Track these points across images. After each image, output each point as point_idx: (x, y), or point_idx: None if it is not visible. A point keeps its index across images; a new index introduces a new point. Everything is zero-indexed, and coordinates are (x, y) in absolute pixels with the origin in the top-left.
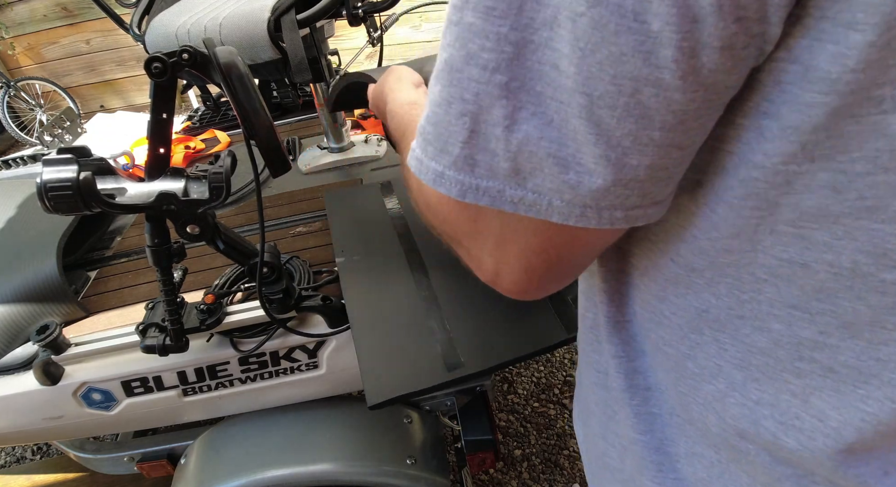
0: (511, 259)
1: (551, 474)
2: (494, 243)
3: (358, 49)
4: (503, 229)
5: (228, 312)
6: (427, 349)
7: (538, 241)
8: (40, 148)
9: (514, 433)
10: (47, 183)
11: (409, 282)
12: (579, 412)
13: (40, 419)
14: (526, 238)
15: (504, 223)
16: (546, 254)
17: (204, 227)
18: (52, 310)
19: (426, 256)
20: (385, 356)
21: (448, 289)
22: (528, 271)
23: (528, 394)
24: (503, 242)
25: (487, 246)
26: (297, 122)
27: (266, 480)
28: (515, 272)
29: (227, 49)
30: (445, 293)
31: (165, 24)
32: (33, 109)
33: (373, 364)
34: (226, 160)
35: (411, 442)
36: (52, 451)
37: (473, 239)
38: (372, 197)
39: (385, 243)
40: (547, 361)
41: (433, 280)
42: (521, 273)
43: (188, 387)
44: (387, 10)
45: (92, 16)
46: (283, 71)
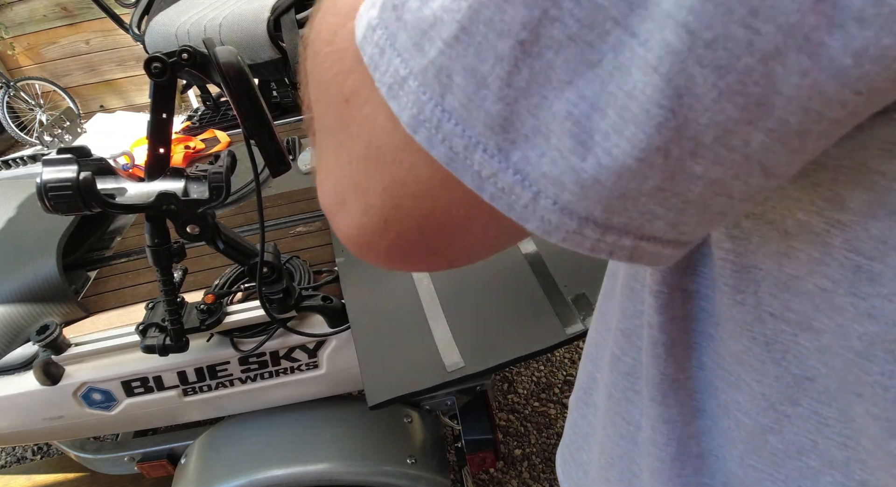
0: (376, 198)
1: (551, 473)
2: (367, 163)
3: None
4: (394, 151)
5: (228, 312)
6: (427, 349)
7: (428, 200)
8: (40, 148)
9: (514, 432)
10: (47, 183)
11: (409, 282)
12: (573, 454)
13: (40, 419)
14: (415, 184)
15: (405, 146)
16: (430, 218)
17: (204, 227)
18: (52, 310)
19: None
20: (385, 356)
21: (448, 289)
22: (387, 223)
23: (529, 393)
24: (378, 163)
25: (357, 163)
26: (297, 122)
27: (266, 480)
28: (370, 217)
29: (227, 49)
30: (446, 293)
31: (165, 24)
32: (33, 109)
33: (373, 364)
34: (226, 160)
35: (411, 442)
36: (53, 451)
37: (343, 135)
38: None
39: None
40: (547, 360)
41: (433, 280)
42: (378, 222)
43: (188, 387)
44: None
45: (92, 16)
46: (283, 71)
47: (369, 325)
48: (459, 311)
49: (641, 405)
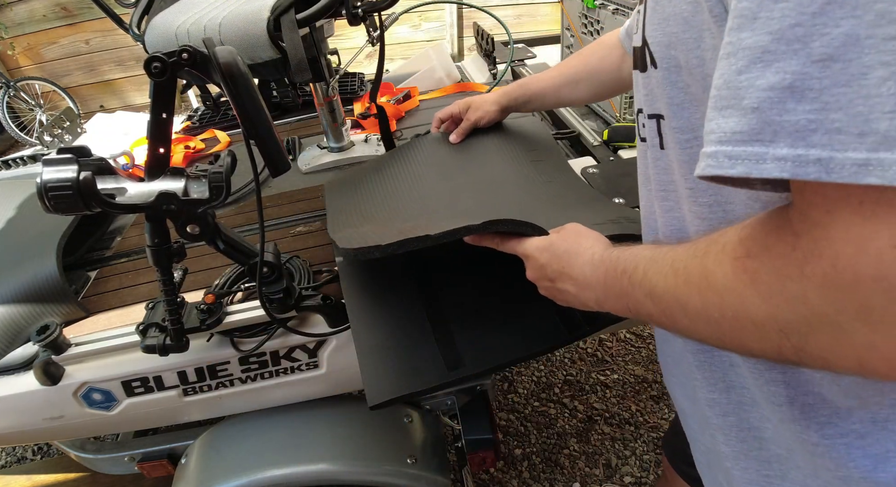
0: None
1: (552, 473)
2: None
3: (358, 48)
4: None
5: (228, 312)
6: (427, 349)
7: None
8: (40, 148)
9: (514, 432)
10: (47, 183)
11: (410, 282)
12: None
13: (41, 420)
14: None
15: None
16: None
17: (204, 227)
18: (53, 310)
19: (427, 255)
20: (385, 356)
21: (449, 289)
22: None
23: (529, 393)
24: None
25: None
26: (297, 121)
27: (266, 480)
28: None
29: (226, 49)
30: (446, 293)
31: (165, 24)
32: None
33: (373, 364)
34: (226, 160)
35: (412, 442)
36: (53, 451)
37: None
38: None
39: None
40: (547, 360)
41: (434, 280)
42: None
43: (188, 387)
44: (386, 10)
45: (91, 16)
46: (283, 71)
47: (369, 325)
48: (460, 310)
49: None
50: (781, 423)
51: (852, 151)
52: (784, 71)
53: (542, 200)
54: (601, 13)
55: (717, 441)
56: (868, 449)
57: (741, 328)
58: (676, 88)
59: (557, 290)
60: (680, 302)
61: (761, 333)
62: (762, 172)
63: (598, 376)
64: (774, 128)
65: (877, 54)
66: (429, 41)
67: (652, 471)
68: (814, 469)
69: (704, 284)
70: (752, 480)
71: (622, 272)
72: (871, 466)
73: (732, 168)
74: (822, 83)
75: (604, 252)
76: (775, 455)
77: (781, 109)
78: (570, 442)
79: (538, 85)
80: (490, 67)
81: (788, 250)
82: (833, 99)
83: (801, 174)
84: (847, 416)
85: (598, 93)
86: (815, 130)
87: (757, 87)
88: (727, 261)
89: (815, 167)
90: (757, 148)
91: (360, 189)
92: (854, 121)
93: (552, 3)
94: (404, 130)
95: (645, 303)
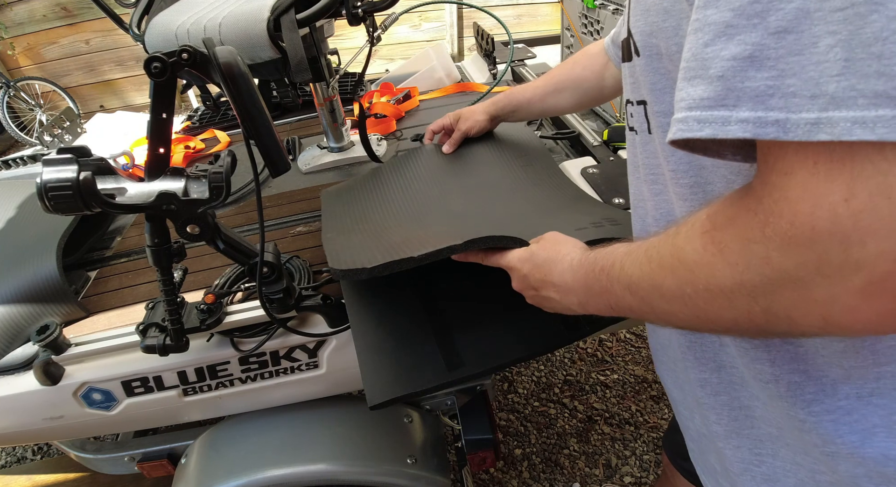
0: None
1: (551, 473)
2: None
3: (358, 49)
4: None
5: (228, 312)
6: (427, 349)
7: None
8: (40, 148)
9: (514, 432)
10: (47, 183)
11: (410, 281)
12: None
13: (41, 420)
14: None
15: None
16: None
17: (204, 227)
18: (53, 310)
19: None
20: (385, 356)
21: (449, 289)
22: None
23: (529, 393)
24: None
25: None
26: (297, 121)
27: (266, 480)
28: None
29: (226, 49)
30: (446, 293)
31: (165, 24)
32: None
33: (373, 364)
34: (226, 160)
35: (412, 442)
36: (53, 451)
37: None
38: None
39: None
40: (547, 360)
41: (434, 280)
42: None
43: (188, 387)
44: (386, 10)
45: (91, 16)
46: (283, 71)
47: (369, 325)
48: (460, 310)
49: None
50: (770, 401)
51: (805, 112)
52: (745, 43)
53: (531, 202)
54: (601, 13)
55: (710, 420)
56: (855, 425)
57: (713, 299)
58: (658, 74)
59: (542, 298)
60: (656, 286)
61: (731, 301)
62: (727, 134)
63: (598, 376)
64: (737, 93)
65: (825, 25)
66: (429, 41)
67: (652, 471)
68: (803, 446)
69: (676, 262)
70: (744, 458)
71: (600, 271)
72: (858, 442)
73: (701, 131)
74: (778, 53)
75: (582, 256)
76: (766, 433)
77: (743, 77)
78: (570, 442)
79: (524, 95)
80: (490, 67)
81: (751, 215)
82: (788, 67)
83: (761, 134)
84: (833, 393)
85: (581, 101)
86: (772, 94)
87: (721, 57)
88: (696, 237)
89: (773, 128)
90: (722, 112)
91: (354, 196)
92: (806, 85)
93: (552, 3)
94: (404, 130)
95: (625, 297)
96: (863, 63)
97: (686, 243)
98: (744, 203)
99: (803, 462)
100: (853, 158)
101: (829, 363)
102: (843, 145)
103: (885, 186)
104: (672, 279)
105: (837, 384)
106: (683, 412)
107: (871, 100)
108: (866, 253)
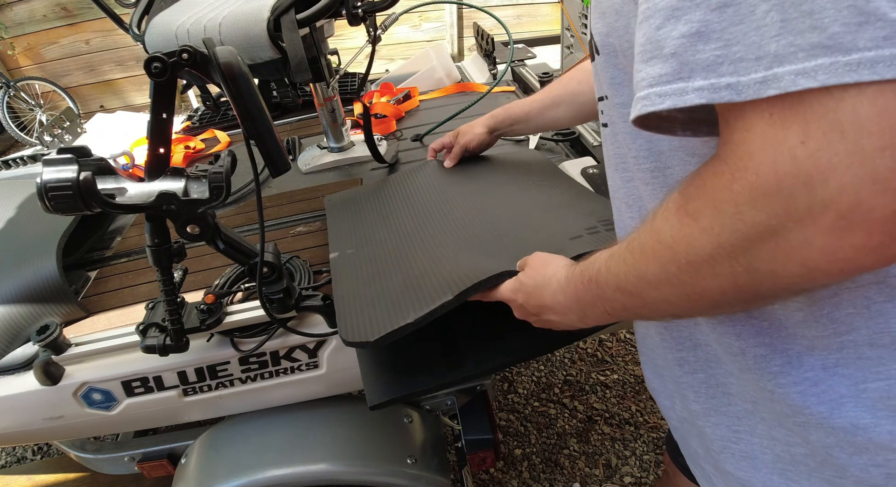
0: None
1: (551, 473)
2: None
3: (358, 49)
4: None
5: (228, 312)
6: (427, 349)
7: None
8: (40, 148)
9: (514, 432)
10: (47, 183)
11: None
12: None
13: (41, 420)
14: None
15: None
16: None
17: (204, 227)
18: (53, 310)
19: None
20: (385, 355)
21: None
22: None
23: (529, 393)
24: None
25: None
26: (297, 122)
27: (266, 480)
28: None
29: (226, 49)
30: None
31: (165, 24)
32: (33, 109)
33: (373, 364)
34: (226, 160)
35: (412, 442)
36: (53, 451)
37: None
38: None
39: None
40: (547, 360)
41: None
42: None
43: (188, 387)
44: (386, 10)
45: (92, 16)
46: (283, 71)
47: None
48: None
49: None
50: (742, 373)
51: (753, 73)
52: (691, 21)
53: (533, 202)
54: None
55: (689, 399)
56: (822, 396)
57: (697, 271)
58: (617, 70)
59: (545, 321)
60: (641, 276)
61: (714, 268)
62: (685, 102)
63: (598, 376)
64: (691, 66)
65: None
66: (429, 41)
67: (652, 471)
68: (777, 417)
69: (657, 245)
70: (723, 436)
71: (588, 281)
72: (826, 412)
73: (662, 103)
74: (721, 25)
75: (568, 273)
76: (742, 410)
77: (694, 51)
78: (570, 442)
79: (522, 109)
80: (490, 68)
81: (719, 177)
82: (732, 36)
83: (716, 98)
84: (798, 365)
85: (577, 115)
86: (721, 63)
87: (672, 37)
88: (671, 214)
89: (726, 91)
90: (679, 84)
91: (360, 211)
92: (750, 49)
93: (552, 3)
94: (404, 130)
95: (616, 298)
96: (797, 21)
97: (663, 223)
98: (711, 169)
99: (778, 436)
100: (803, 105)
101: (793, 334)
102: (792, 96)
103: (835, 122)
104: (655, 264)
105: (802, 355)
106: (665, 403)
107: (808, 52)
108: (829, 190)
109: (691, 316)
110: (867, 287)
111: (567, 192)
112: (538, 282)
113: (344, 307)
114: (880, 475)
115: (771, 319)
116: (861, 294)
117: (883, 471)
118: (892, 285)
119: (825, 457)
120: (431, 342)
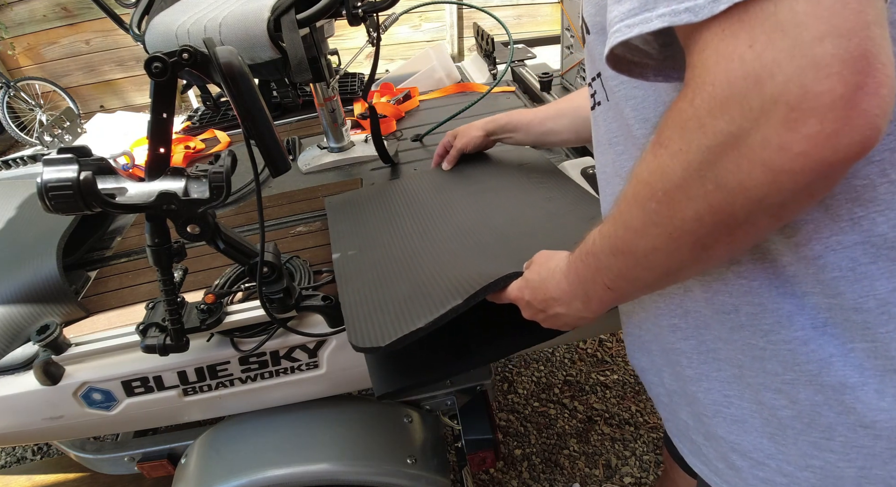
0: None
1: (551, 473)
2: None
3: (358, 49)
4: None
5: (228, 312)
6: (434, 338)
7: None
8: (40, 148)
9: (514, 432)
10: (47, 183)
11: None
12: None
13: (41, 419)
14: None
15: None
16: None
17: (204, 227)
18: (53, 310)
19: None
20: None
21: None
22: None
23: (528, 394)
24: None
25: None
26: (297, 122)
27: (266, 480)
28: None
29: (227, 49)
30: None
31: (165, 24)
32: (33, 109)
33: (379, 355)
34: (226, 160)
35: (411, 442)
36: (53, 451)
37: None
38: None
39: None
40: (547, 361)
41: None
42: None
43: (188, 387)
44: (386, 10)
45: (92, 16)
46: (283, 71)
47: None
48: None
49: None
50: (731, 334)
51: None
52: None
53: (534, 206)
54: None
55: (682, 365)
56: (811, 355)
57: (674, 203)
58: (605, 46)
59: (552, 317)
60: (628, 225)
61: (687, 191)
62: (650, 28)
63: (598, 376)
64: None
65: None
66: (429, 41)
67: (652, 471)
68: (763, 380)
69: (637, 186)
70: (716, 400)
71: (586, 255)
72: (815, 370)
73: (630, 32)
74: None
75: (567, 260)
76: (731, 375)
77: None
78: (570, 443)
79: (526, 117)
80: (490, 68)
81: (682, 99)
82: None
83: (676, 21)
84: (788, 324)
85: (578, 128)
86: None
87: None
88: (649, 156)
89: (685, 14)
90: (645, 15)
91: (362, 214)
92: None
93: (552, 3)
94: (404, 130)
95: (612, 264)
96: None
97: (641, 166)
98: (678, 100)
99: (765, 400)
100: (748, 14)
101: (783, 293)
102: (738, 8)
103: (776, 23)
104: (637, 207)
105: (793, 315)
106: (653, 379)
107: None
108: (777, 84)
109: (682, 268)
110: (852, 248)
111: (568, 194)
112: (543, 276)
113: (352, 312)
114: (867, 436)
115: (761, 279)
116: (846, 256)
117: (870, 432)
118: (876, 244)
119: (812, 417)
120: (437, 333)
